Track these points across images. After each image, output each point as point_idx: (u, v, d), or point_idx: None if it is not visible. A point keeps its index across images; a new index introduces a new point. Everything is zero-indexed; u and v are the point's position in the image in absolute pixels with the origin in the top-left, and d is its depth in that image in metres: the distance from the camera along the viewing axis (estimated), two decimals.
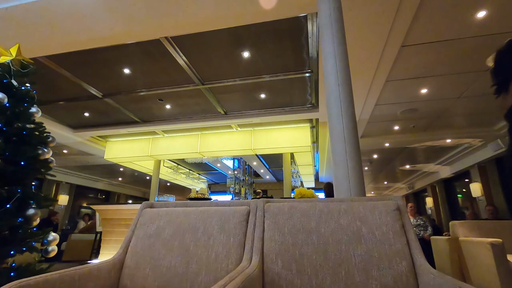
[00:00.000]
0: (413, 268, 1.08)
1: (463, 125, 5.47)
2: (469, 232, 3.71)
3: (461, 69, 3.53)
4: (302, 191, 3.35)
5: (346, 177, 1.53)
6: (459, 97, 4.25)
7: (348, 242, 1.19)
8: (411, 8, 2.52)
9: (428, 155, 7.45)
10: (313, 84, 4.21)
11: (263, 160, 9.35)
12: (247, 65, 3.79)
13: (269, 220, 1.36)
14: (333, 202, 1.36)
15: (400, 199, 1.27)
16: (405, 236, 1.16)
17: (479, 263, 3.21)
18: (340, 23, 1.86)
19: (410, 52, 3.19)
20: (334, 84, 1.72)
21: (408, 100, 4.38)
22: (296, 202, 1.41)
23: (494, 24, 2.77)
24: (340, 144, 1.57)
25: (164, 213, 1.48)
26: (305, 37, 3.22)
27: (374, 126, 5.47)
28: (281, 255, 1.24)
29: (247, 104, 5.01)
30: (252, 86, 4.32)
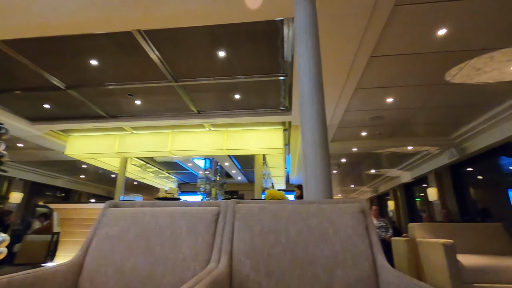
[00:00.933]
0: (375, 268, 1.14)
1: (423, 134, 5.87)
2: (425, 234, 3.98)
3: (423, 81, 3.79)
4: (272, 192, 3.39)
5: (316, 179, 1.57)
6: (421, 107, 4.56)
7: (315, 243, 1.22)
8: (380, 22, 2.66)
9: (391, 161, 7.90)
10: (287, 87, 4.28)
11: (235, 160, 9.32)
12: (222, 64, 3.77)
13: (239, 221, 1.36)
14: (302, 204, 1.39)
15: (365, 202, 1.33)
16: (368, 237, 1.22)
17: (433, 262, 3.46)
18: (314, 30, 1.91)
19: (378, 63, 3.36)
20: (307, 89, 1.76)
21: (376, 107, 4.61)
22: (267, 204, 1.43)
23: (452, 42, 3.01)
24: (310, 147, 1.61)
25: (129, 213, 1.42)
26: (280, 41, 3.27)
27: (344, 131, 5.69)
28: (250, 256, 1.24)
29: (221, 104, 4.97)
30: (227, 86, 4.30)
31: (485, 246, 3.79)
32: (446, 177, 6.92)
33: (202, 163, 9.57)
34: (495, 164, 6.08)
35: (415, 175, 8.12)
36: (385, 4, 2.47)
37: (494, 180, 6.46)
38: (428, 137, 5.96)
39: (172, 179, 12.41)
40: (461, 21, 2.71)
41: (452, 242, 3.22)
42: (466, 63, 3.37)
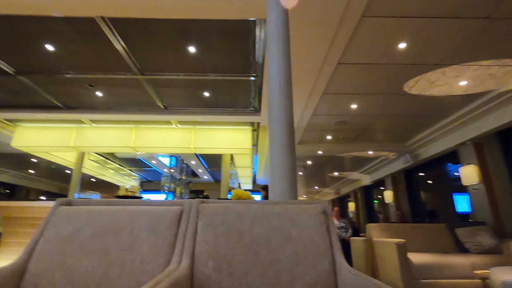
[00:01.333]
0: (334, 266, 1.18)
1: (382, 140, 6.26)
2: (381, 234, 4.24)
3: (384, 90, 4.04)
4: (239, 192, 3.38)
5: (281, 180, 1.59)
6: (381, 115, 4.85)
7: (279, 243, 1.23)
8: (348, 31, 2.79)
9: (353, 164, 8.31)
10: (257, 88, 4.30)
11: (202, 159, 9.17)
12: (192, 60, 3.68)
13: (202, 221, 1.33)
14: (267, 204, 1.40)
15: (327, 203, 1.37)
16: (329, 237, 1.26)
17: (387, 260, 3.69)
18: (286, 33, 1.94)
19: (345, 70, 3.51)
20: (276, 91, 1.78)
21: (341, 113, 4.82)
22: (232, 204, 1.41)
23: (411, 56, 3.25)
24: (277, 149, 1.63)
25: (84, 212, 1.32)
26: (252, 42, 3.27)
27: (310, 134, 5.86)
28: (213, 257, 1.22)
29: (189, 101, 4.86)
30: (196, 83, 4.21)
31: (432, 245, 4.13)
32: (401, 181, 7.44)
33: (167, 160, 9.27)
34: (442, 170, 6.67)
35: (374, 178, 8.62)
36: (353, 15, 2.58)
37: (441, 185, 7.09)
38: (386, 143, 6.37)
39: (134, 177, 11.87)
40: (419, 37, 2.93)
41: (403, 241, 3.46)
42: (421, 76, 3.65)
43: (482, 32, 2.82)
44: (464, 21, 2.69)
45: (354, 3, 2.46)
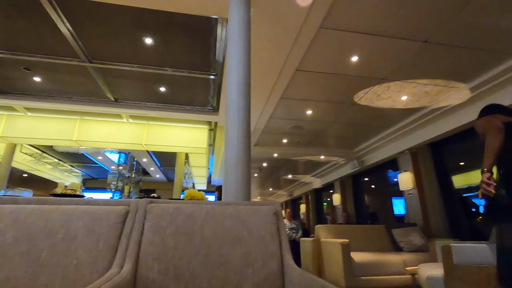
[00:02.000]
0: (282, 267, 1.21)
1: (333, 146, 6.64)
2: (329, 234, 4.48)
3: (337, 99, 4.29)
4: (192, 193, 3.28)
5: (235, 181, 1.58)
6: (333, 122, 5.14)
7: (229, 244, 1.22)
8: (306, 39, 2.90)
9: (306, 168, 8.66)
10: (216, 87, 4.25)
11: (154, 157, 8.74)
12: (149, 53, 3.49)
13: (150, 222, 1.26)
14: (220, 205, 1.38)
15: (279, 205, 1.40)
16: (279, 238, 1.29)
17: (332, 259, 3.91)
18: (247, 35, 1.95)
19: (302, 76, 3.65)
20: (235, 92, 1.77)
21: (297, 117, 4.99)
22: (183, 204, 1.36)
23: (362, 69, 3.50)
24: (233, 150, 1.62)
25: (8, 212, 1.16)
26: (214, 40, 3.23)
27: (267, 137, 5.96)
28: (159, 260, 1.16)
29: (143, 95, 4.60)
30: (152, 76, 4.00)
31: (372, 245, 4.49)
32: (348, 185, 7.96)
33: (115, 157, 8.65)
34: (384, 176, 7.31)
35: (325, 182, 9.10)
36: (312, 24, 2.70)
37: (382, 189, 7.75)
38: (337, 149, 6.77)
39: (76, 173, 10.86)
40: (369, 52, 3.18)
41: (347, 241, 3.70)
42: (370, 88, 3.96)
43: (421, 53, 3.16)
44: (408, 42, 2.99)
45: (314, 14, 2.57)
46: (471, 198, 5.45)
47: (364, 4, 2.51)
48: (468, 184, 6.33)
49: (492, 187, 1.52)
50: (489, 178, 1.56)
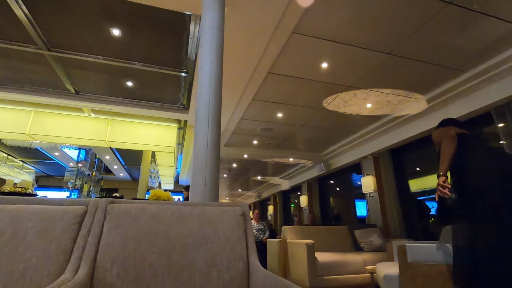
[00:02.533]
0: (248, 268, 1.20)
1: (302, 149, 6.80)
2: (295, 235, 4.57)
3: (307, 104, 4.40)
4: (158, 193, 3.17)
5: (203, 182, 1.55)
6: (303, 125, 5.27)
7: (194, 246, 1.19)
8: (279, 43, 2.95)
9: (275, 170, 8.78)
10: (187, 85, 4.15)
11: (118, 155, 8.32)
12: (116, 45, 3.32)
13: (110, 223, 1.19)
14: (186, 205, 1.34)
15: (246, 206, 1.40)
16: (246, 239, 1.28)
17: (297, 260, 3.99)
18: (220, 34, 1.93)
19: (274, 79, 3.69)
20: (206, 91, 1.74)
21: (268, 120, 5.04)
22: (147, 204, 1.31)
23: (331, 75, 3.63)
24: (202, 149, 1.59)
25: None
26: (186, 37, 3.15)
27: (238, 138, 5.95)
28: (119, 263, 1.10)
29: (108, 89, 4.35)
30: (119, 70, 3.81)
31: (335, 245, 4.66)
32: (315, 187, 8.21)
33: (75, 153, 8.09)
34: (348, 179, 7.64)
35: (293, 183, 9.28)
36: (285, 29, 2.74)
37: (346, 192, 8.09)
38: (305, 152, 6.95)
39: (29, 170, 9.99)
40: (338, 60, 3.31)
41: (312, 242, 3.81)
42: (338, 95, 4.12)
43: (385, 64, 3.36)
44: (373, 53, 3.16)
45: (287, 19, 2.61)
46: (425, 201, 5.88)
47: (335, 14, 2.61)
48: (423, 188, 6.83)
49: (447, 189, 1.66)
50: (444, 182, 1.70)
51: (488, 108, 3.51)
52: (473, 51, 3.11)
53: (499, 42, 2.95)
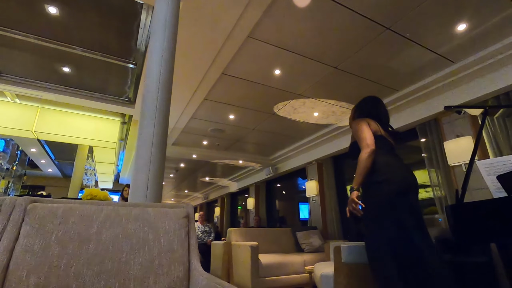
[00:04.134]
0: (188, 272, 1.16)
1: (251, 151, 6.89)
2: (240, 237, 4.58)
3: (258, 108, 4.48)
4: (93, 192, 2.89)
5: (146, 181, 1.46)
6: (253, 129, 5.35)
7: (131, 250, 1.11)
8: (235, 44, 2.95)
9: (224, 171, 8.73)
10: (134, 77, 3.89)
11: (47, 148, 7.39)
12: (52, 24, 2.95)
13: (29, 226, 1.04)
14: (124, 206, 1.25)
15: (191, 207, 1.35)
16: (188, 242, 1.24)
17: (241, 262, 4.00)
18: (174, 28, 1.85)
19: (227, 81, 3.68)
20: (154, 86, 1.65)
21: (219, 121, 5.00)
22: (78, 204, 1.18)
23: (282, 82, 3.76)
24: (146, 147, 1.50)
25: None
26: (136, 26, 2.96)
27: (187, 137, 5.77)
28: (38, 271, 0.97)
29: (39, 72, 3.84)
30: (55, 53, 3.39)
31: (279, 247, 4.81)
32: (262, 190, 8.37)
33: None
34: (294, 183, 7.98)
35: (241, 186, 9.33)
36: (241, 32, 2.76)
37: (291, 195, 8.44)
38: (254, 155, 7.05)
39: None
40: (290, 68, 3.44)
41: (256, 244, 3.86)
42: (288, 101, 4.29)
43: (331, 77, 3.60)
44: (322, 65, 3.36)
45: (244, 22, 2.63)
46: None
47: (290, 25, 2.72)
48: None
49: (358, 206, 1.76)
50: (357, 197, 1.78)
51: (415, 125, 4.01)
52: (405, 73, 3.53)
53: (425, 68, 3.41)
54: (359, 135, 1.90)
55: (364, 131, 1.89)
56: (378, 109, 2.20)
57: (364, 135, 1.86)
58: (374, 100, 2.26)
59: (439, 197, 3.56)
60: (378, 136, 1.94)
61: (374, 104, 2.23)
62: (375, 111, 2.17)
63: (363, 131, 1.89)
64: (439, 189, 3.58)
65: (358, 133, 1.92)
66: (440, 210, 3.58)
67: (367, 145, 1.82)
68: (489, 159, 1.67)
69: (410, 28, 2.75)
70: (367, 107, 2.22)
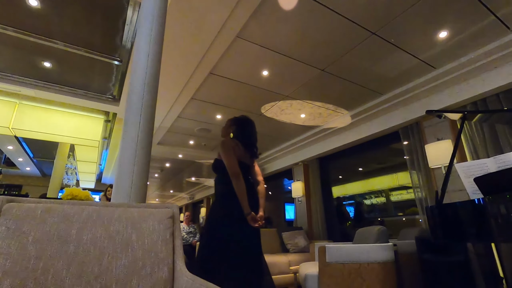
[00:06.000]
0: (173, 273, 1.15)
1: None
2: None
3: (246, 108, 4.48)
4: (74, 191, 2.81)
5: (130, 181, 1.43)
6: None
7: (113, 252, 1.08)
8: (223, 44, 2.94)
9: (210, 171, 8.64)
10: (119, 74, 3.80)
11: (25, 145, 7.11)
12: (33, 17, 2.84)
13: (5, 226, 1.00)
14: (107, 206, 1.21)
15: (176, 208, 1.34)
16: (173, 243, 1.22)
17: None
18: (161, 26, 1.82)
19: (215, 80, 3.66)
20: (140, 84, 1.62)
21: (206, 120, 4.96)
22: (57, 204, 1.14)
23: (270, 83, 3.78)
24: (131, 146, 1.46)
25: None
26: (122, 22, 2.89)
27: (173, 136, 5.69)
28: (14, 274, 0.92)
29: (17, 67, 3.69)
30: (35, 47, 3.26)
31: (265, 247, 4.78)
32: None
33: None
34: (280, 184, 8.02)
35: None
36: (230, 31, 2.75)
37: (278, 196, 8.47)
38: None
39: None
40: (278, 70, 3.46)
41: None
42: (275, 103, 4.31)
43: (318, 80, 3.65)
44: (309, 68, 3.40)
45: (232, 22, 2.63)
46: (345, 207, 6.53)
47: (278, 26, 2.73)
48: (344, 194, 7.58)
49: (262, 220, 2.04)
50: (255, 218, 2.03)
51: (397, 128, 4.12)
52: (389, 78, 3.62)
53: (408, 73, 3.51)
54: (226, 161, 2.10)
55: (230, 157, 2.10)
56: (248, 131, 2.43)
57: (230, 162, 2.08)
58: (246, 122, 2.47)
59: (420, 198, 3.68)
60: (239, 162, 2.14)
61: (245, 127, 2.44)
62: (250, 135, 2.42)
63: (229, 157, 2.09)
64: (420, 190, 3.69)
65: (225, 158, 2.11)
66: (420, 211, 3.69)
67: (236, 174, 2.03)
68: (467, 162, 1.74)
69: (395, 34, 2.83)
70: (238, 129, 2.41)
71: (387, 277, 2.22)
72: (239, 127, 2.40)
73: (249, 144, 2.34)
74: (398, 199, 6.59)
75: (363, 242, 2.75)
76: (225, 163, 2.08)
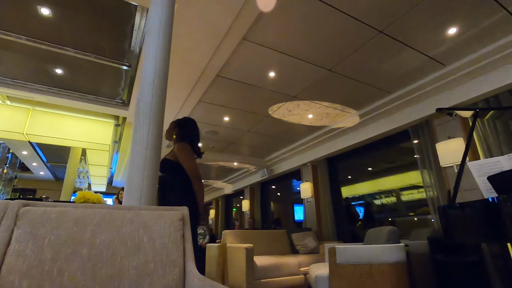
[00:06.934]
0: (184, 275, 1.16)
1: (246, 153, 6.89)
2: (235, 239, 4.57)
3: (253, 110, 4.49)
4: (87, 195, 2.87)
5: (140, 184, 1.45)
6: (248, 131, 5.35)
7: (125, 254, 1.10)
8: (229, 47, 2.96)
9: (219, 173, 8.70)
10: (128, 79, 3.87)
11: (39, 150, 7.29)
12: (45, 26, 2.92)
13: (22, 229, 1.03)
14: (118, 209, 1.24)
15: (186, 210, 1.35)
16: (183, 245, 1.24)
17: (236, 264, 3.99)
18: (168, 30, 1.85)
19: (222, 83, 3.69)
20: (149, 88, 1.65)
21: (213, 123, 4.99)
22: (71, 208, 1.17)
23: (277, 85, 3.78)
24: (141, 149, 1.49)
25: None
26: (130, 28, 2.95)
27: None
28: (30, 275, 0.95)
29: (31, 74, 3.79)
30: (47, 54, 3.35)
31: (274, 248, 4.80)
32: (257, 192, 8.37)
33: None
34: (289, 185, 7.99)
35: (236, 188, 9.31)
36: (236, 34, 2.77)
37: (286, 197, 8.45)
38: (249, 157, 7.05)
39: None
40: (285, 71, 3.46)
41: (251, 246, 3.86)
42: (283, 103, 4.31)
43: (325, 79, 3.64)
44: (317, 68, 3.39)
45: (239, 25, 2.64)
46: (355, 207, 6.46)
47: (284, 27, 2.74)
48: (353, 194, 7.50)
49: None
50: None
51: (407, 126, 4.06)
52: (397, 76, 3.58)
53: (417, 71, 3.46)
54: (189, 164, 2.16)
55: (193, 161, 2.17)
56: (197, 132, 2.48)
57: (194, 165, 2.16)
58: (194, 124, 2.51)
59: (432, 197, 3.61)
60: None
61: (196, 128, 2.48)
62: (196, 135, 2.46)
63: (192, 161, 2.17)
64: (432, 189, 3.63)
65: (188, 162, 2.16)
66: (432, 210, 3.62)
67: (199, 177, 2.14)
68: (479, 160, 1.70)
69: (402, 32, 2.80)
70: (190, 131, 2.45)
71: (399, 278, 2.19)
72: (191, 128, 2.46)
73: (197, 146, 2.41)
74: (409, 198, 6.48)
75: (374, 242, 2.72)
76: (187, 166, 2.13)
